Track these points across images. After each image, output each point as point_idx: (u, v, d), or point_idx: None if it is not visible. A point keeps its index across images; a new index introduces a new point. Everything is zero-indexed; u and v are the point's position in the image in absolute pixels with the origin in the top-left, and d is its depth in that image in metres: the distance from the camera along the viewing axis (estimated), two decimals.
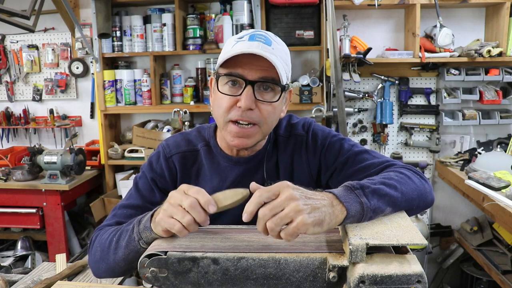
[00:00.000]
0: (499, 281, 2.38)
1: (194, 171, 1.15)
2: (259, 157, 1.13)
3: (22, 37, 3.30)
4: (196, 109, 2.99)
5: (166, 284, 0.80)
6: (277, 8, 2.80)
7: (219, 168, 1.13)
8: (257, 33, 1.00)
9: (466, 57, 2.79)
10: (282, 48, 1.03)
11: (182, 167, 1.13)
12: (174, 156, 1.14)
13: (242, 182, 1.08)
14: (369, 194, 0.83)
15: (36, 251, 2.94)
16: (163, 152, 1.15)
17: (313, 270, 0.76)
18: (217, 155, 1.13)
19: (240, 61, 0.96)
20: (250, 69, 0.97)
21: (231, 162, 1.12)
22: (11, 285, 1.32)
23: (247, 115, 0.98)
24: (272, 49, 0.97)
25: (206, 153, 1.14)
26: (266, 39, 0.99)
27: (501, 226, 2.48)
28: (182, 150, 1.14)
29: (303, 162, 1.14)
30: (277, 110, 1.04)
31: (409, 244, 0.72)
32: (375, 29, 3.04)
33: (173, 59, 3.17)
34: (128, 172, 3.18)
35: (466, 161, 2.81)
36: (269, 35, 1.02)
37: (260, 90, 0.99)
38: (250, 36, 0.99)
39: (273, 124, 1.06)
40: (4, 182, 2.86)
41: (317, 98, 2.84)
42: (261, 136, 1.05)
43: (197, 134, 1.18)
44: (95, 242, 1.03)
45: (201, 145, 1.15)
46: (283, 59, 1.01)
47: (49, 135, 3.41)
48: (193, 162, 1.15)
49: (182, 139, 1.17)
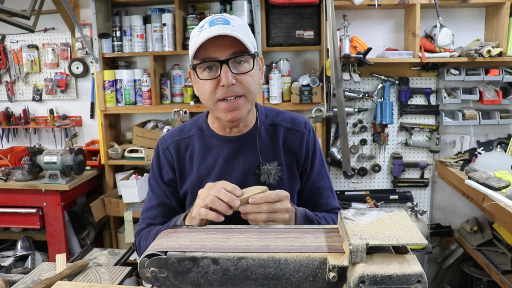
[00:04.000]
0: (499, 281, 2.38)
1: (188, 155, 1.24)
2: (251, 136, 1.22)
3: (22, 37, 3.31)
4: (196, 109, 2.99)
5: (166, 284, 0.80)
6: (277, 8, 2.80)
7: (211, 147, 1.22)
8: (215, 18, 1.09)
9: (466, 57, 2.79)
10: (241, 23, 1.11)
11: (177, 155, 1.24)
12: (169, 146, 1.25)
13: (234, 158, 1.19)
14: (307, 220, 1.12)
15: (36, 251, 2.94)
16: (161, 146, 1.27)
17: (313, 270, 0.76)
18: (209, 136, 1.23)
19: (208, 47, 1.05)
20: (220, 50, 1.06)
21: (222, 140, 1.21)
22: (11, 285, 1.32)
23: (231, 90, 1.08)
24: (232, 26, 1.06)
25: (199, 136, 1.24)
26: (225, 20, 1.08)
27: (501, 226, 2.48)
28: (176, 139, 1.26)
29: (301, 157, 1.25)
30: (256, 77, 1.13)
31: (409, 244, 0.72)
32: (375, 29, 3.04)
33: (173, 59, 3.17)
34: (128, 172, 3.18)
35: (466, 161, 2.81)
36: (226, 16, 1.10)
37: (234, 65, 1.07)
38: (209, 22, 1.08)
39: (256, 91, 1.13)
40: (4, 182, 2.86)
41: (317, 98, 2.84)
42: (250, 105, 1.14)
43: (192, 122, 1.29)
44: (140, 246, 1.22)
45: (194, 130, 1.26)
46: (245, 31, 1.09)
47: (49, 135, 3.42)
48: (186, 148, 1.25)
49: (176, 129, 1.29)
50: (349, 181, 3.20)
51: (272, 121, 1.25)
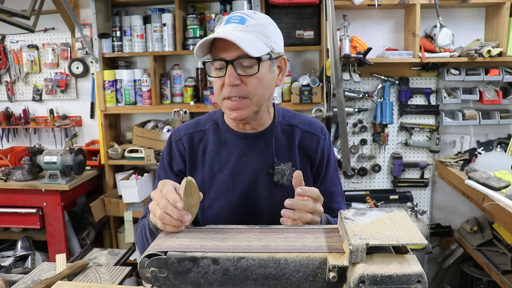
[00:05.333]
0: (499, 281, 2.38)
1: (201, 148, 1.24)
2: (267, 135, 1.21)
3: (22, 37, 3.30)
4: (196, 109, 2.99)
5: (166, 284, 0.80)
6: (277, 8, 2.80)
7: (226, 142, 1.22)
8: (233, 15, 1.10)
9: (466, 57, 2.79)
10: (259, 22, 1.09)
11: (189, 146, 1.24)
12: (183, 137, 1.25)
13: (249, 155, 1.19)
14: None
15: (36, 251, 2.94)
16: (174, 136, 1.27)
17: (313, 270, 0.76)
18: (225, 131, 1.22)
19: (219, 45, 1.07)
20: (228, 51, 1.06)
21: (238, 136, 1.21)
22: (11, 285, 1.32)
23: (235, 90, 1.08)
24: (246, 26, 1.07)
25: (214, 131, 1.24)
26: (241, 19, 1.08)
27: (501, 226, 2.48)
28: (190, 131, 1.26)
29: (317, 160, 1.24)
30: (265, 80, 1.11)
31: (409, 244, 0.72)
32: (375, 29, 3.04)
33: (173, 59, 3.17)
34: (128, 172, 3.17)
35: (466, 161, 2.81)
36: (246, 13, 1.10)
37: (241, 66, 1.07)
38: (226, 19, 1.10)
39: (264, 93, 1.12)
40: (4, 182, 2.86)
41: (317, 98, 2.84)
42: (256, 107, 1.12)
43: (207, 117, 1.29)
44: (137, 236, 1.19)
45: (210, 124, 1.25)
46: (259, 32, 1.08)
47: (49, 135, 3.41)
48: (200, 140, 1.24)
49: (191, 122, 1.29)
50: (349, 181, 3.20)
51: (289, 122, 1.25)
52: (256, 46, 1.06)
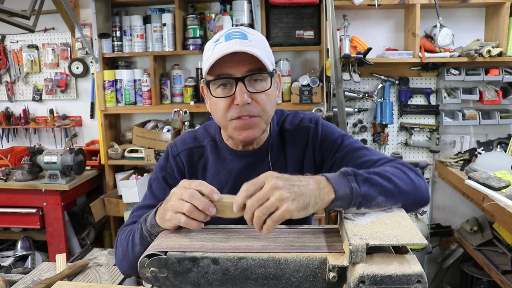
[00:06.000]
0: (499, 281, 2.38)
1: (201, 165, 1.19)
2: (264, 150, 1.16)
3: (22, 37, 3.30)
4: (196, 109, 2.99)
5: (166, 284, 0.80)
6: (277, 8, 2.80)
7: (224, 161, 1.17)
8: (231, 32, 1.03)
9: (466, 57, 2.79)
10: (259, 38, 1.06)
11: (189, 163, 1.18)
12: (181, 153, 1.19)
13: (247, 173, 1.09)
14: (361, 181, 0.87)
15: (36, 251, 2.94)
16: (171, 151, 1.20)
17: (313, 270, 0.76)
18: (223, 149, 1.17)
19: (224, 63, 0.99)
20: (236, 67, 1.00)
21: (236, 155, 1.16)
22: (11, 285, 1.32)
23: (246, 109, 1.02)
24: (250, 41, 1.01)
25: (212, 148, 1.18)
26: (242, 34, 1.02)
27: (501, 226, 2.48)
28: (189, 146, 1.19)
29: (310, 153, 1.17)
30: (272, 96, 1.07)
31: (409, 244, 0.72)
32: (375, 29, 3.04)
33: (173, 59, 3.17)
34: (128, 172, 3.17)
35: (466, 161, 2.81)
36: (243, 30, 1.05)
37: (250, 83, 1.02)
38: (225, 36, 1.02)
39: (272, 110, 1.08)
40: (4, 182, 2.86)
41: (317, 98, 2.84)
42: (265, 125, 1.08)
43: (204, 131, 1.22)
44: (117, 243, 1.10)
45: (207, 140, 1.20)
46: (263, 47, 1.04)
47: (49, 135, 3.41)
48: (200, 157, 1.19)
49: (188, 136, 1.22)
50: None
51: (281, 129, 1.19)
52: (267, 60, 1.01)
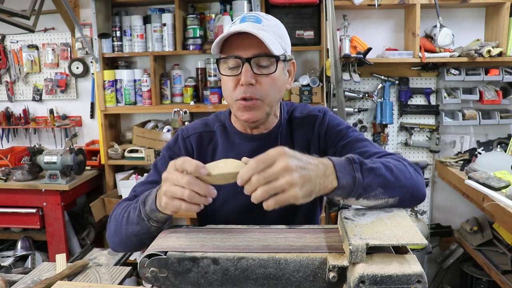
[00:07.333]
0: (499, 281, 2.38)
1: (210, 149, 1.22)
2: (274, 135, 1.20)
3: (22, 37, 3.30)
4: (196, 109, 2.99)
5: (166, 284, 0.80)
6: (277, 8, 2.80)
7: (234, 145, 1.20)
8: (247, 15, 1.09)
9: (466, 57, 2.79)
10: (274, 23, 1.10)
11: (198, 147, 1.22)
12: (191, 136, 1.23)
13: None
14: (365, 171, 0.87)
15: (36, 251, 2.94)
16: (181, 134, 1.24)
17: (313, 270, 0.76)
18: (232, 133, 1.21)
19: (234, 43, 1.05)
20: (244, 49, 1.04)
21: (245, 138, 1.19)
22: (11, 285, 1.32)
23: (249, 90, 1.06)
24: (262, 26, 1.06)
25: (222, 132, 1.22)
26: (256, 18, 1.07)
27: (501, 226, 2.48)
28: (199, 131, 1.24)
29: (315, 140, 1.21)
30: (279, 81, 1.10)
31: (409, 244, 0.72)
32: (375, 29, 3.04)
33: (173, 59, 3.17)
34: (128, 172, 3.18)
35: (466, 161, 2.81)
36: (260, 15, 1.09)
37: (257, 66, 1.06)
38: (241, 18, 1.08)
39: (276, 95, 1.11)
40: (4, 182, 2.86)
41: (317, 98, 2.84)
42: (268, 108, 1.11)
43: (214, 118, 1.27)
44: (111, 217, 1.10)
45: (217, 125, 1.24)
46: (275, 32, 1.08)
47: (49, 135, 3.41)
48: (209, 141, 1.23)
49: (199, 122, 1.27)
50: None
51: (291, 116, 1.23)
52: (275, 45, 1.05)
